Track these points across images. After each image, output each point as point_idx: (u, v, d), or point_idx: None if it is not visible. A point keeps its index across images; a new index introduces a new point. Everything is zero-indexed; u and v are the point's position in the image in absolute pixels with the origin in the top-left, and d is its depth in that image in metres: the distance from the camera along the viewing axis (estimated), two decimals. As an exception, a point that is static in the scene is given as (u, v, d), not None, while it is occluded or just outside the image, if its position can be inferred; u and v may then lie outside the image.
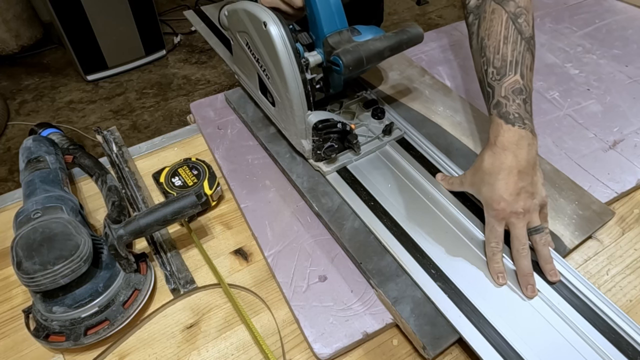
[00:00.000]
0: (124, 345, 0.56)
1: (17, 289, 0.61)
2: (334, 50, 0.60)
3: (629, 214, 0.68)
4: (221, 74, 2.50)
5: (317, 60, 0.63)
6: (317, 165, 0.68)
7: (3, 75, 2.45)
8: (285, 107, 0.65)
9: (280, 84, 0.62)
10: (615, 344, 0.50)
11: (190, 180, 0.69)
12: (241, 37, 0.68)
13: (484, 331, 0.51)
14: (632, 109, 0.83)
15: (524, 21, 0.63)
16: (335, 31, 0.62)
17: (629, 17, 1.08)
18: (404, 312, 0.53)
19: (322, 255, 0.61)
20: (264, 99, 0.73)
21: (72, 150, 0.73)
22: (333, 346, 0.53)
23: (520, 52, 0.62)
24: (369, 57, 0.60)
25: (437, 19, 2.97)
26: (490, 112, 0.61)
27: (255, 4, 0.62)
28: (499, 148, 0.58)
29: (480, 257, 0.58)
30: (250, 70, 0.72)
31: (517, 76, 0.61)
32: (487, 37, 0.64)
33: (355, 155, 0.69)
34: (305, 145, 0.66)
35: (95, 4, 2.16)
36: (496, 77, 0.62)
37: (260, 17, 0.59)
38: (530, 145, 0.57)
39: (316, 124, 0.62)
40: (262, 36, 0.60)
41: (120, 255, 0.56)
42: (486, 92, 0.63)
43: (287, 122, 0.67)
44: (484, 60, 0.64)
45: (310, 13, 0.62)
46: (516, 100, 0.59)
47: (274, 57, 0.60)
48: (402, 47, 0.63)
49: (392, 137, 0.72)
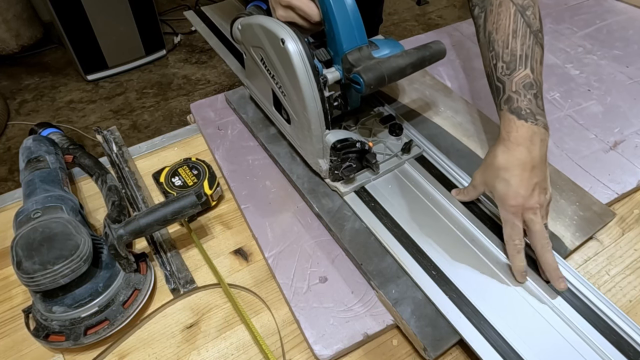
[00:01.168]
0: (123, 345, 0.56)
1: (17, 288, 0.61)
2: (354, 68, 0.58)
3: (629, 215, 0.68)
4: (221, 74, 2.50)
5: (336, 77, 0.61)
6: (334, 185, 0.66)
7: (3, 75, 2.45)
8: (302, 126, 0.62)
9: (298, 102, 0.60)
10: (616, 345, 0.50)
11: (190, 180, 0.69)
12: (255, 52, 0.65)
13: (484, 332, 0.51)
14: (632, 110, 0.83)
15: (531, 14, 0.62)
16: (355, 47, 0.59)
17: (629, 17, 1.08)
18: (405, 314, 0.53)
19: (323, 256, 0.61)
20: (278, 116, 0.70)
21: (72, 150, 0.73)
22: (333, 347, 0.53)
23: (530, 46, 0.61)
24: (391, 75, 0.57)
25: (437, 19, 2.97)
26: (501, 108, 0.61)
27: (271, 19, 0.59)
28: (512, 144, 0.57)
29: (481, 258, 0.58)
30: (263, 85, 0.69)
31: (527, 70, 0.60)
32: (495, 30, 0.63)
33: (373, 175, 0.67)
34: (322, 165, 0.64)
35: (95, 3, 2.16)
36: (506, 71, 0.61)
37: (277, 33, 0.56)
38: (543, 141, 0.57)
39: (335, 144, 0.60)
40: (279, 53, 0.58)
41: (120, 255, 0.56)
42: (495, 87, 0.63)
43: (303, 140, 0.65)
44: (492, 55, 0.63)
45: (329, 29, 0.59)
46: (527, 96, 0.59)
47: (292, 75, 0.57)
48: (424, 63, 0.61)
49: (411, 155, 0.70)
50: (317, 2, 0.58)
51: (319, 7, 0.58)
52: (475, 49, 0.98)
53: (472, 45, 1.00)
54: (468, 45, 1.00)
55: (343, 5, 0.57)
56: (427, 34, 1.04)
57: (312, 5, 0.58)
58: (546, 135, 0.58)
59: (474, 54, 0.97)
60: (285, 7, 0.60)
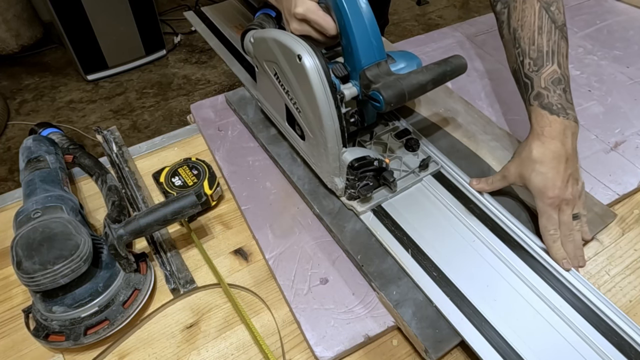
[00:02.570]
0: (123, 345, 0.56)
1: (17, 288, 0.61)
2: (373, 84, 0.55)
3: (628, 215, 0.68)
4: (221, 74, 2.50)
5: (353, 93, 0.58)
6: (350, 204, 0.63)
7: (3, 75, 2.45)
8: (317, 144, 0.60)
9: (314, 120, 0.58)
10: (616, 345, 0.50)
11: (190, 180, 0.69)
12: (269, 66, 0.63)
13: (486, 334, 0.51)
14: (633, 111, 0.83)
15: (556, 9, 0.64)
16: (373, 63, 0.57)
17: (629, 18, 1.08)
18: (406, 315, 0.53)
19: (324, 258, 0.61)
20: (291, 131, 0.68)
21: (72, 150, 0.73)
22: (335, 349, 0.53)
23: (556, 42, 0.63)
24: (411, 92, 0.55)
25: (437, 19, 2.97)
26: (531, 103, 0.62)
27: (286, 33, 0.57)
28: (547, 138, 0.59)
29: (483, 259, 0.58)
30: (276, 100, 0.67)
31: (555, 66, 0.62)
32: (520, 27, 0.65)
33: (390, 193, 0.64)
34: (338, 183, 0.61)
35: (95, 3, 2.16)
36: (533, 68, 0.63)
37: (294, 49, 0.54)
38: (574, 134, 0.60)
39: (352, 163, 0.58)
40: (295, 69, 0.56)
41: (120, 255, 0.56)
42: (523, 83, 0.64)
43: (318, 158, 0.62)
44: (518, 52, 0.65)
45: (346, 43, 0.57)
46: (557, 91, 0.61)
47: (308, 92, 0.55)
48: (445, 78, 0.59)
49: (428, 172, 0.67)
50: (334, 16, 0.56)
51: (336, 21, 0.56)
52: (476, 49, 0.99)
53: (472, 46, 1.00)
54: (468, 46, 1.00)
55: (361, 20, 0.55)
56: (427, 34, 1.04)
57: (329, 18, 0.57)
58: (576, 128, 0.61)
59: (474, 55, 0.97)
60: (301, 21, 0.58)
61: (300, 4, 0.57)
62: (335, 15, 0.56)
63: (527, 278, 0.56)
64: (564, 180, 0.58)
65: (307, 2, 0.57)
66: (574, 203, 0.59)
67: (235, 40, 0.94)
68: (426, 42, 1.01)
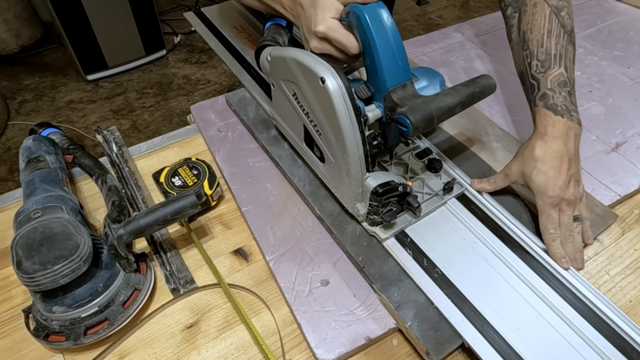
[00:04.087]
0: (123, 345, 0.56)
1: (17, 288, 0.61)
2: (399, 108, 0.53)
3: (629, 215, 0.68)
4: (221, 74, 2.50)
5: (377, 115, 0.56)
6: (372, 230, 0.61)
7: (3, 75, 2.45)
8: (339, 168, 0.57)
9: (337, 145, 0.55)
10: (618, 347, 0.50)
11: (190, 180, 0.69)
12: (287, 86, 0.60)
13: (487, 336, 0.51)
14: (634, 111, 0.83)
15: (566, 14, 0.66)
16: (399, 84, 0.54)
17: (630, 18, 1.08)
18: (407, 317, 0.53)
19: (324, 259, 0.61)
20: (309, 153, 0.65)
21: (72, 150, 0.73)
22: (336, 351, 0.52)
23: (564, 46, 0.64)
24: (440, 115, 0.52)
25: (437, 19, 2.97)
26: (536, 104, 0.64)
27: (307, 53, 0.54)
28: (550, 137, 0.60)
29: (484, 260, 0.58)
30: (294, 120, 0.64)
31: (562, 69, 0.63)
32: (529, 30, 0.66)
33: (414, 218, 0.62)
34: (360, 209, 0.59)
35: (95, 3, 2.16)
36: (541, 69, 0.64)
37: (317, 71, 0.51)
38: (577, 136, 0.61)
39: (376, 189, 0.55)
40: (317, 92, 0.53)
41: (120, 255, 0.56)
42: (530, 84, 0.66)
43: (339, 182, 0.60)
44: (527, 54, 0.66)
45: (370, 63, 0.54)
46: (562, 93, 0.62)
47: (331, 116, 0.52)
48: (473, 100, 0.57)
49: (453, 195, 0.65)
50: (357, 34, 0.54)
51: (359, 40, 0.54)
52: (476, 50, 0.99)
53: (472, 47, 1.00)
54: (468, 46, 1.00)
55: (387, 39, 0.52)
56: (428, 35, 1.04)
57: (352, 37, 0.55)
58: (580, 130, 0.62)
59: (474, 55, 0.97)
60: (321, 39, 0.57)
61: (321, 22, 0.55)
62: (358, 33, 0.53)
63: (527, 279, 0.56)
64: (566, 181, 0.58)
65: (329, 19, 0.55)
66: (574, 204, 0.59)
67: (235, 40, 0.94)
68: (426, 43, 1.01)
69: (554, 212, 0.59)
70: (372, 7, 0.52)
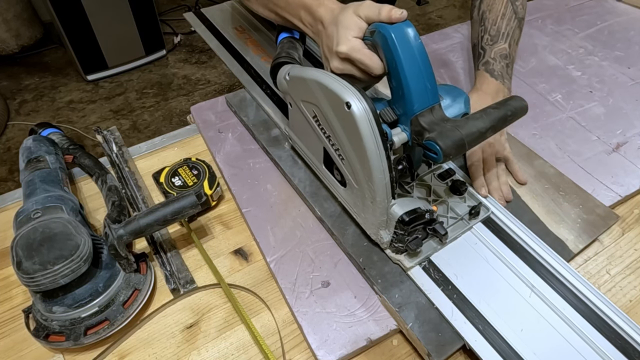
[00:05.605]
0: (124, 345, 0.56)
1: (17, 289, 0.61)
2: (427, 133, 0.50)
3: (629, 214, 0.68)
4: (221, 74, 2.49)
5: (403, 139, 0.53)
6: (396, 258, 0.58)
7: (3, 75, 2.45)
8: (363, 195, 0.55)
9: (361, 171, 0.52)
10: (618, 347, 0.50)
11: (190, 180, 0.69)
12: (307, 107, 0.58)
13: (488, 337, 0.51)
14: (635, 112, 0.83)
15: (520, 4, 0.79)
16: (426, 108, 0.51)
17: (630, 18, 1.08)
18: (408, 319, 0.53)
19: (325, 261, 0.61)
20: (328, 175, 0.63)
21: (72, 150, 0.73)
22: (337, 353, 0.52)
23: (512, 28, 0.77)
24: (471, 141, 0.49)
25: (437, 19, 2.97)
26: (478, 68, 0.76)
27: (330, 76, 0.52)
28: (483, 93, 0.71)
29: (485, 261, 0.58)
30: (313, 141, 0.62)
31: (506, 45, 0.75)
32: (488, 10, 0.78)
33: (439, 244, 0.59)
34: (384, 236, 0.56)
35: (95, 3, 2.16)
36: (489, 42, 0.76)
37: (342, 96, 0.48)
38: (505, 97, 0.69)
39: (402, 217, 0.52)
40: (342, 116, 0.51)
41: (120, 255, 0.55)
42: (478, 54, 0.78)
43: (362, 209, 0.57)
44: (482, 29, 0.78)
45: (396, 86, 0.51)
46: (501, 63, 0.74)
47: (357, 142, 0.50)
48: (505, 124, 0.54)
49: (479, 219, 0.62)
50: (382, 55, 0.52)
51: (384, 60, 0.52)
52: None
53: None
54: (469, 47, 1.00)
55: (415, 61, 0.50)
56: (428, 35, 1.04)
57: (376, 57, 0.53)
58: (508, 94, 0.73)
59: (474, 55, 0.97)
60: (343, 60, 0.55)
61: (343, 42, 0.53)
62: (384, 54, 0.51)
63: (528, 279, 0.56)
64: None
65: (351, 39, 0.53)
66: (495, 147, 0.68)
67: (236, 41, 0.93)
68: (427, 43, 1.01)
69: (478, 150, 0.68)
70: (399, 27, 0.50)
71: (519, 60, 0.95)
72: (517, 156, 0.72)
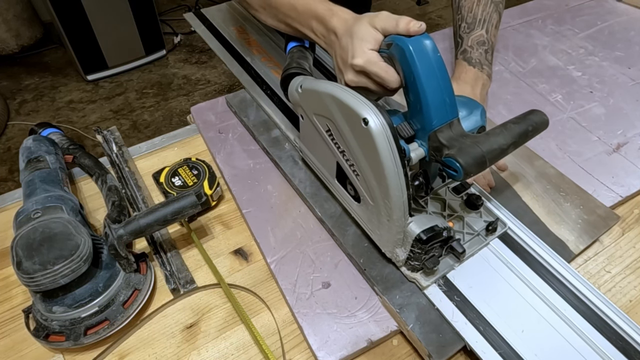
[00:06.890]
0: (124, 345, 0.56)
1: (17, 288, 0.61)
2: (446, 149, 0.48)
3: (629, 214, 0.68)
4: (221, 74, 2.49)
5: (420, 155, 0.51)
6: (412, 276, 0.56)
7: (3, 75, 2.45)
8: (378, 213, 0.53)
9: (378, 188, 0.51)
10: (618, 347, 0.50)
11: (190, 180, 0.69)
12: (320, 121, 0.56)
13: (489, 338, 0.51)
14: (635, 112, 0.83)
15: None
16: (445, 123, 0.50)
17: (630, 18, 1.08)
18: (409, 320, 0.53)
19: (326, 262, 0.61)
20: (342, 190, 0.61)
21: (72, 150, 0.73)
22: (337, 354, 0.52)
23: (489, 13, 0.77)
24: (492, 158, 0.47)
25: (437, 19, 2.97)
26: (457, 57, 0.76)
27: (346, 90, 0.50)
28: (461, 81, 0.71)
29: (486, 262, 0.58)
30: (325, 155, 0.60)
31: (483, 31, 0.76)
32: None
33: (456, 262, 0.57)
34: (400, 254, 0.55)
35: (95, 4, 2.16)
36: (466, 30, 0.77)
37: (359, 112, 0.47)
38: (484, 85, 0.73)
39: (420, 236, 0.51)
40: (358, 132, 0.49)
41: (120, 255, 0.55)
42: (457, 42, 0.78)
43: (378, 226, 0.55)
44: (459, 17, 0.79)
45: (414, 100, 0.50)
46: (479, 50, 0.74)
47: (373, 159, 0.48)
48: (526, 139, 0.51)
49: (496, 235, 0.60)
50: (399, 68, 0.50)
51: (401, 74, 0.50)
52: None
53: (472, 46, 0.99)
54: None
55: (433, 74, 0.48)
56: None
57: (392, 71, 0.52)
58: (487, 81, 0.74)
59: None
60: (358, 72, 0.54)
61: (359, 55, 0.52)
62: (402, 67, 0.50)
63: (528, 280, 0.56)
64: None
65: (367, 52, 0.52)
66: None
67: (236, 41, 0.93)
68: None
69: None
70: (418, 39, 0.48)
71: (519, 61, 0.95)
72: (517, 157, 0.72)
